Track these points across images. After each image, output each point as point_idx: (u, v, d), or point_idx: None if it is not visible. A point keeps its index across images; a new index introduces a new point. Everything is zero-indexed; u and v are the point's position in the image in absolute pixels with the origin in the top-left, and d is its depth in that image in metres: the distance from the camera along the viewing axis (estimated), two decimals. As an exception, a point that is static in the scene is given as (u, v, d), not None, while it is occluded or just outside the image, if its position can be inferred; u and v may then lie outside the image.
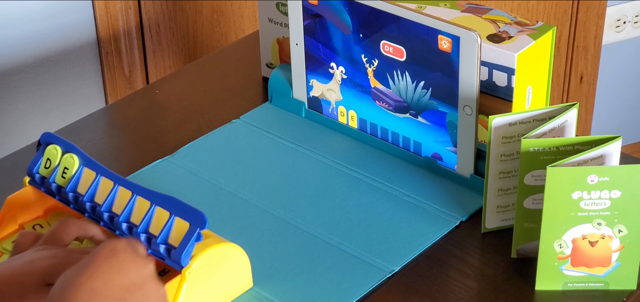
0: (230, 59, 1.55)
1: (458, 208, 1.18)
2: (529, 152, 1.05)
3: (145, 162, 1.29)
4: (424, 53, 1.19)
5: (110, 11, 1.93)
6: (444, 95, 1.19)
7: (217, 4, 2.00)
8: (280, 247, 1.13)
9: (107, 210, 1.07)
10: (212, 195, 1.22)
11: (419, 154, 1.25)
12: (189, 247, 1.00)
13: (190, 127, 1.36)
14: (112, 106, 1.48)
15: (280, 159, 1.28)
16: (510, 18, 1.24)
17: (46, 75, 1.92)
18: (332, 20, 1.27)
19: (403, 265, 1.10)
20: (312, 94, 1.35)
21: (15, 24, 1.87)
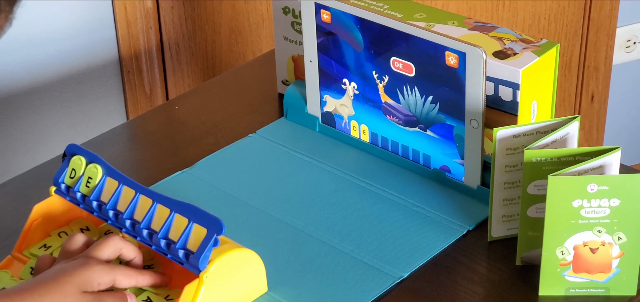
0: (247, 76, 1.60)
1: (465, 218, 1.22)
2: (531, 162, 1.09)
3: (165, 174, 1.34)
4: (432, 69, 1.24)
5: (131, 31, 1.99)
6: (452, 109, 1.24)
7: (235, 24, 2.06)
8: (294, 254, 1.18)
9: (128, 217, 1.12)
10: (229, 205, 1.27)
11: (428, 166, 1.30)
12: (206, 252, 1.05)
13: (209, 141, 1.42)
14: (133, 121, 1.54)
15: (294, 171, 1.33)
16: (516, 35, 1.29)
17: (70, 93, 1.98)
18: (344, 37, 1.32)
19: (411, 272, 1.15)
20: (326, 109, 1.40)
21: (41, 44, 1.93)
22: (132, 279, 1.07)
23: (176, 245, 1.07)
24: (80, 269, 1.03)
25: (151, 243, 1.10)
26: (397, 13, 1.35)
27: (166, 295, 1.09)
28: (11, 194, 1.32)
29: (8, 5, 0.94)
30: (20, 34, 1.90)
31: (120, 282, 1.06)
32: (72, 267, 1.03)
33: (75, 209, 1.19)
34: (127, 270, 1.07)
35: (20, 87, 1.93)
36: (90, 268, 1.04)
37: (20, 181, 1.35)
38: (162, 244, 1.08)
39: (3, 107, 1.93)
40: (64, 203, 1.19)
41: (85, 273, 1.03)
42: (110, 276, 1.05)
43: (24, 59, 1.91)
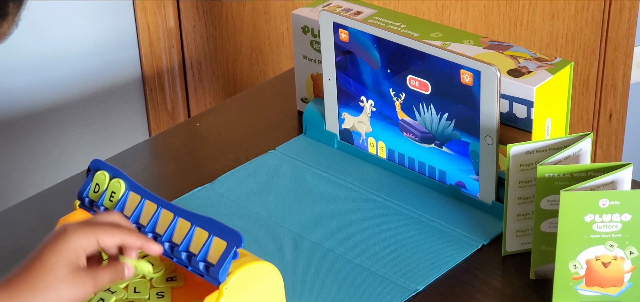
0: (268, 94, 1.63)
1: (480, 232, 1.25)
2: (544, 178, 1.12)
3: (186, 189, 1.37)
4: (447, 87, 1.26)
5: (154, 50, 2.02)
6: (467, 126, 1.26)
7: (256, 43, 2.09)
8: (312, 268, 1.20)
9: (151, 230, 1.15)
10: (249, 220, 1.30)
11: (444, 182, 1.32)
12: (226, 265, 1.07)
13: (229, 157, 1.45)
14: (155, 137, 1.57)
15: (313, 187, 1.36)
16: (530, 54, 1.31)
17: (94, 110, 2.02)
18: (362, 56, 1.35)
19: (427, 285, 1.17)
20: (344, 126, 1.43)
21: (65, 62, 1.96)
22: (117, 237, 1.04)
23: (197, 258, 1.09)
24: (60, 243, 1.01)
25: (172, 256, 1.12)
26: (414, 32, 1.37)
27: (187, 307, 1.11)
28: (37, 208, 1.36)
29: (16, 6, 0.96)
30: (45, 52, 1.94)
31: (105, 241, 1.03)
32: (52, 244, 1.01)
33: (99, 223, 1.22)
34: (108, 228, 1.04)
35: (45, 104, 1.96)
36: (68, 237, 1.01)
37: (46, 195, 1.39)
38: (183, 257, 1.11)
39: (29, 123, 1.97)
40: (88, 217, 1.21)
41: (66, 245, 1.00)
42: (91, 237, 1.02)
43: (49, 77, 1.95)
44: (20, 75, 1.92)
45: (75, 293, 1.01)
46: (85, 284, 1.01)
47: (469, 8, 2.15)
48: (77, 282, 1.01)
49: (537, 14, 2.21)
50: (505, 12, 2.18)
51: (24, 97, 1.95)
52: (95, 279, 1.02)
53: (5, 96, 1.93)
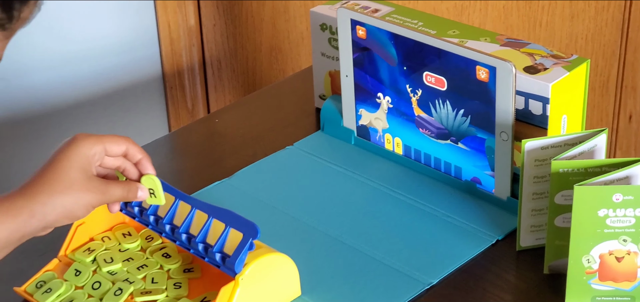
0: (286, 92, 1.65)
1: (495, 228, 1.26)
2: (559, 173, 1.12)
3: (204, 183, 1.39)
4: (463, 83, 1.27)
5: (175, 49, 2.04)
6: (482, 122, 1.27)
7: (275, 42, 2.11)
8: (328, 260, 1.22)
9: (168, 222, 1.16)
10: (266, 213, 1.31)
11: (460, 178, 1.33)
12: (242, 256, 1.09)
13: (247, 152, 1.46)
14: (175, 133, 1.59)
15: (330, 182, 1.37)
16: (547, 51, 1.32)
17: (115, 108, 2.04)
18: (379, 53, 1.36)
19: (441, 278, 1.18)
20: (361, 122, 1.44)
21: (87, 60, 1.99)
22: (122, 145, 1.09)
23: (213, 249, 1.11)
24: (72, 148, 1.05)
25: (189, 247, 1.14)
26: (431, 29, 1.38)
27: (203, 297, 1.13)
28: (57, 201, 1.37)
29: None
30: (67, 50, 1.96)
31: (111, 148, 1.08)
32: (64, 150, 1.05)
33: (118, 215, 1.24)
34: (114, 136, 1.09)
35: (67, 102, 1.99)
36: (79, 143, 1.05)
37: (66, 188, 1.40)
38: (200, 248, 1.13)
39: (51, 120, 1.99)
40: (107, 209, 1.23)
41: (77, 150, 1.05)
42: (99, 144, 1.06)
43: (71, 75, 1.98)
44: (42, 73, 1.95)
45: (89, 198, 1.05)
46: (98, 191, 1.06)
47: (488, 8, 2.16)
48: (90, 186, 1.05)
49: (557, 14, 2.21)
50: (524, 12, 2.18)
51: (46, 95, 1.97)
52: (108, 188, 1.07)
53: (28, 94, 1.95)
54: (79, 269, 1.18)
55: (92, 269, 1.19)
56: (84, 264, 1.19)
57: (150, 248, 1.21)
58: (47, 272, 1.19)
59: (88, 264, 1.20)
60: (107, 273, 1.18)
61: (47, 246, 1.26)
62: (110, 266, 1.19)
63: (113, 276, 1.18)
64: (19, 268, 1.18)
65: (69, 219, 1.05)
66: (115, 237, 1.23)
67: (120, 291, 1.15)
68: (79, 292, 1.16)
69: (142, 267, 1.18)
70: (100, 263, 1.19)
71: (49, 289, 1.16)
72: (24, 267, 1.20)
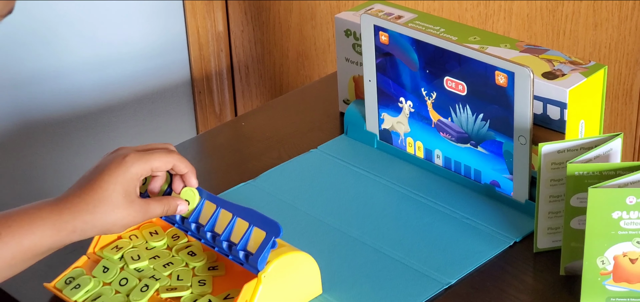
0: (311, 96, 1.68)
1: (513, 230, 1.28)
2: (574, 176, 1.15)
3: (230, 185, 1.42)
4: (482, 88, 1.30)
5: (203, 54, 2.08)
6: (501, 126, 1.30)
7: (302, 49, 2.14)
8: (349, 260, 1.25)
9: (194, 221, 1.20)
10: (289, 214, 1.34)
11: (479, 181, 1.36)
12: (265, 254, 1.12)
13: (272, 155, 1.50)
14: (202, 135, 1.63)
15: (352, 184, 1.40)
16: (565, 58, 1.34)
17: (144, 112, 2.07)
18: (401, 58, 1.39)
19: (459, 278, 1.21)
20: (383, 126, 1.47)
21: (118, 65, 2.03)
22: (169, 161, 1.14)
23: (237, 247, 1.14)
24: (120, 171, 1.09)
25: (214, 245, 1.17)
26: (452, 36, 1.41)
27: (226, 294, 1.16)
28: (87, 200, 1.41)
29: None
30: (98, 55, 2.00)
31: (157, 166, 1.13)
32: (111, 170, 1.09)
33: (145, 214, 1.28)
34: (161, 153, 1.13)
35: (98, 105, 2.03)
36: (127, 166, 1.10)
37: (96, 188, 1.44)
38: (224, 246, 1.16)
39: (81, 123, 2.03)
40: (135, 208, 1.27)
41: (124, 174, 1.09)
42: (146, 164, 1.11)
43: (101, 78, 2.02)
44: (73, 77, 1.99)
45: (129, 220, 1.11)
46: (139, 212, 1.12)
47: (512, 17, 2.18)
48: (131, 209, 1.11)
49: (580, 23, 2.23)
50: (548, 21, 2.20)
51: (77, 98, 2.01)
52: (148, 208, 1.13)
53: (59, 97, 2.00)
54: (107, 266, 1.22)
55: (119, 266, 1.22)
56: (112, 261, 1.23)
57: (176, 246, 1.24)
58: (76, 268, 1.23)
59: (116, 261, 1.23)
60: (134, 270, 1.22)
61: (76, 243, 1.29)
62: (137, 263, 1.22)
63: (140, 273, 1.21)
64: (49, 264, 1.22)
65: (106, 233, 1.12)
66: (142, 235, 1.27)
67: (146, 287, 1.18)
68: (107, 289, 1.19)
69: (168, 264, 1.22)
70: (127, 260, 1.23)
71: (77, 285, 1.20)
72: (54, 264, 1.23)
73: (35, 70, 1.94)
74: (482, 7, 2.16)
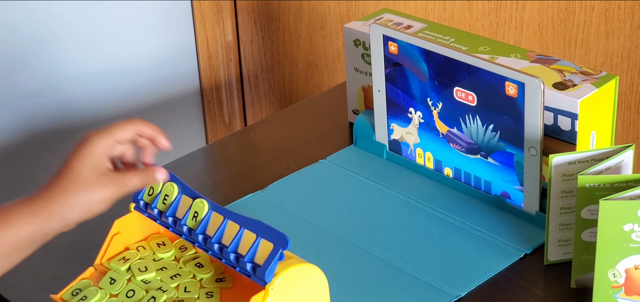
0: (320, 106, 1.67)
1: (523, 242, 1.27)
2: (585, 187, 1.14)
3: (238, 195, 1.41)
4: (492, 98, 1.29)
5: (213, 63, 2.07)
6: (512, 137, 1.29)
7: (312, 58, 2.13)
8: (358, 272, 1.24)
9: (201, 232, 1.19)
10: (298, 225, 1.33)
11: (489, 192, 1.35)
12: (272, 266, 1.11)
13: (281, 165, 1.49)
14: (211, 146, 1.62)
15: (361, 195, 1.39)
16: (576, 68, 1.33)
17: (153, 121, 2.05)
18: (410, 68, 1.38)
19: (469, 291, 1.20)
20: (393, 137, 1.46)
21: (127, 75, 2.02)
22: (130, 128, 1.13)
23: (244, 258, 1.13)
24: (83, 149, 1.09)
25: (221, 257, 1.17)
26: (462, 46, 1.40)
27: (234, 306, 1.15)
28: (95, 211, 1.41)
29: None
30: (107, 64, 2.00)
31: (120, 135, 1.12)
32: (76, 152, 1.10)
33: (153, 225, 1.27)
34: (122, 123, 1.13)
35: (107, 115, 2.03)
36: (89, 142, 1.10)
37: (104, 199, 1.44)
38: (232, 258, 1.15)
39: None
40: (143, 219, 1.26)
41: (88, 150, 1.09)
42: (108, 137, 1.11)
43: (110, 88, 2.01)
44: (82, 87, 1.99)
45: (105, 193, 1.10)
46: (113, 183, 1.10)
47: (523, 26, 2.17)
48: (104, 181, 1.10)
49: (592, 33, 2.22)
50: (559, 31, 2.19)
51: (86, 109, 2.01)
52: (123, 179, 1.11)
53: (69, 107, 1.99)
54: (114, 277, 1.21)
55: (126, 277, 1.22)
56: (119, 272, 1.22)
57: (184, 258, 1.24)
58: (83, 280, 1.22)
59: (123, 273, 1.22)
60: (141, 282, 1.21)
61: (83, 255, 1.29)
62: (144, 274, 1.21)
63: (147, 285, 1.20)
64: (56, 276, 1.21)
65: (88, 214, 1.10)
66: (149, 247, 1.26)
67: (153, 299, 1.17)
68: (114, 300, 1.18)
69: (176, 276, 1.21)
70: (134, 272, 1.22)
71: (84, 296, 1.19)
72: (61, 275, 1.23)
73: (43, 81, 1.94)
74: (493, 17, 2.15)
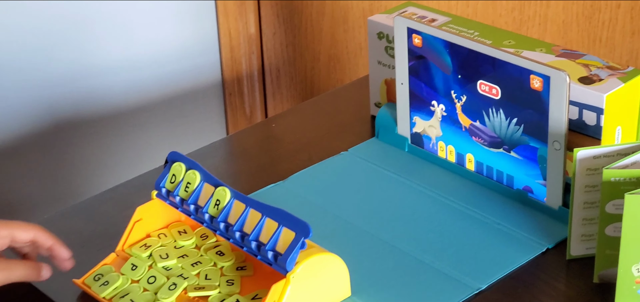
0: (342, 99, 1.67)
1: (545, 236, 1.26)
2: (610, 182, 1.13)
3: (259, 186, 1.41)
4: (517, 92, 1.28)
5: (234, 56, 2.08)
6: (535, 131, 1.28)
7: (334, 52, 2.13)
8: (378, 263, 1.23)
9: (223, 220, 1.19)
10: (319, 216, 1.33)
11: (511, 186, 1.34)
12: (294, 254, 1.11)
13: (302, 157, 1.48)
14: (232, 136, 1.62)
15: (382, 188, 1.39)
16: (602, 63, 1.32)
17: (174, 113, 2.07)
18: (434, 61, 1.38)
19: (490, 284, 1.19)
20: (415, 130, 1.46)
21: (149, 66, 2.03)
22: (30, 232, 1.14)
23: (266, 247, 1.13)
24: None
25: (243, 245, 1.17)
26: (486, 39, 1.40)
27: (254, 294, 1.15)
28: (116, 198, 1.41)
29: None
30: (130, 55, 2.00)
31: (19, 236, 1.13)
32: None
33: (174, 212, 1.27)
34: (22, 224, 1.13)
35: (128, 105, 2.03)
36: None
37: (125, 187, 1.44)
38: (253, 246, 1.15)
39: (111, 123, 2.03)
40: (165, 206, 1.26)
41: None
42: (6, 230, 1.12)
43: (132, 79, 2.02)
44: (104, 77, 1.99)
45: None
46: None
47: (547, 23, 2.16)
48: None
49: (617, 30, 2.20)
50: (584, 28, 2.18)
51: (108, 98, 2.01)
52: (10, 269, 1.12)
53: (92, 97, 2.00)
54: (136, 263, 1.21)
55: (148, 264, 1.22)
56: (140, 259, 1.22)
57: (205, 246, 1.24)
58: (104, 265, 1.22)
59: (144, 259, 1.22)
60: (162, 268, 1.21)
61: (104, 241, 1.29)
62: (165, 261, 1.22)
63: (168, 272, 1.20)
64: (78, 261, 1.21)
65: None
66: (171, 234, 1.26)
67: (174, 285, 1.17)
68: (135, 286, 1.19)
69: (197, 264, 1.21)
70: (156, 259, 1.22)
71: (106, 281, 1.19)
72: (83, 261, 1.23)
73: (67, 70, 1.95)
74: (516, 13, 2.14)
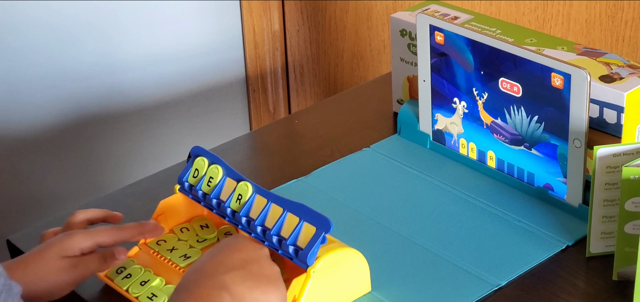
0: (365, 96, 1.68)
1: (565, 234, 1.27)
2: (629, 180, 1.13)
3: (281, 181, 1.42)
4: (538, 89, 1.29)
5: (259, 52, 2.09)
6: (556, 129, 1.28)
7: (357, 49, 2.14)
8: (398, 258, 1.24)
9: (245, 215, 1.20)
10: (340, 211, 1.34)
11: (532, 184, 1.35)
12: (314, 249, 1.12)
13: (324, 153, 1.50)
14: (255, 132, 1.63)
15: (404, 184, 1.40)
16: (624, 61, 1.32)
17: (198, 108, 2.09)
18: (456, 58, 1.38)
19: (510, 280, 1.20)
20: (437, 127, 1.46)
21: (173, 62, 2.04)
22: (116, 235, 1.18)
23: (287, 241, 1.14)
24: (62, 238, 1.15)
25: (264, 239, 1.18)
26: (508, 37, 1.40)
27: (276, 288, 1.16)
28: (140, 192, 1.43)
29: None
30: (154, 52, 2.02)
31: (105, 242, 1.17)
32: (56, 238, 1.16)
33: (197, 207, 1.29)
34: (108, 230, 1.18)
35: (153, 100, 2.05)
36: (70, 236, 1.15)
37: (148, 181, 1.46)
38: (274, 241, 1.16)
39: (136, 118, 2.05)
40: (187, 200, 1.28)
41: (66, 241, 1.15)
42: (91, 239, 1.16)
43: (157, 75, 2.04)
44: (130, 72, 2.01)
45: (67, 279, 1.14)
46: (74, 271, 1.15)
47: (570, 22, 2.16)
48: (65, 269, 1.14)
49: (641, 30, 2.20)
50: (607, 27, 2.18)
51: (133, 93, 2.03)
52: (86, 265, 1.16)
53: (116, 92, 2.02)
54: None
55: (169, 257, 1.23)
56: (162, 252, 1.24)
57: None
58: (127, 258, 1.24)
59: (166, 253, 1.24)
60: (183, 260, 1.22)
61: (128, 235, 1.31)
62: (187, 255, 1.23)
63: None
64: (102, 254, 1.23)
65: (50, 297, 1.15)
66: (193, 228, 1.28)
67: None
68: (157, 279, 1.20)
69: (219, 257, 1.22)
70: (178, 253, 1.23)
71: (128, 274, 1.21)
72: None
73: (93, 65, 1.97)
74: (539, 11, 2.14)
